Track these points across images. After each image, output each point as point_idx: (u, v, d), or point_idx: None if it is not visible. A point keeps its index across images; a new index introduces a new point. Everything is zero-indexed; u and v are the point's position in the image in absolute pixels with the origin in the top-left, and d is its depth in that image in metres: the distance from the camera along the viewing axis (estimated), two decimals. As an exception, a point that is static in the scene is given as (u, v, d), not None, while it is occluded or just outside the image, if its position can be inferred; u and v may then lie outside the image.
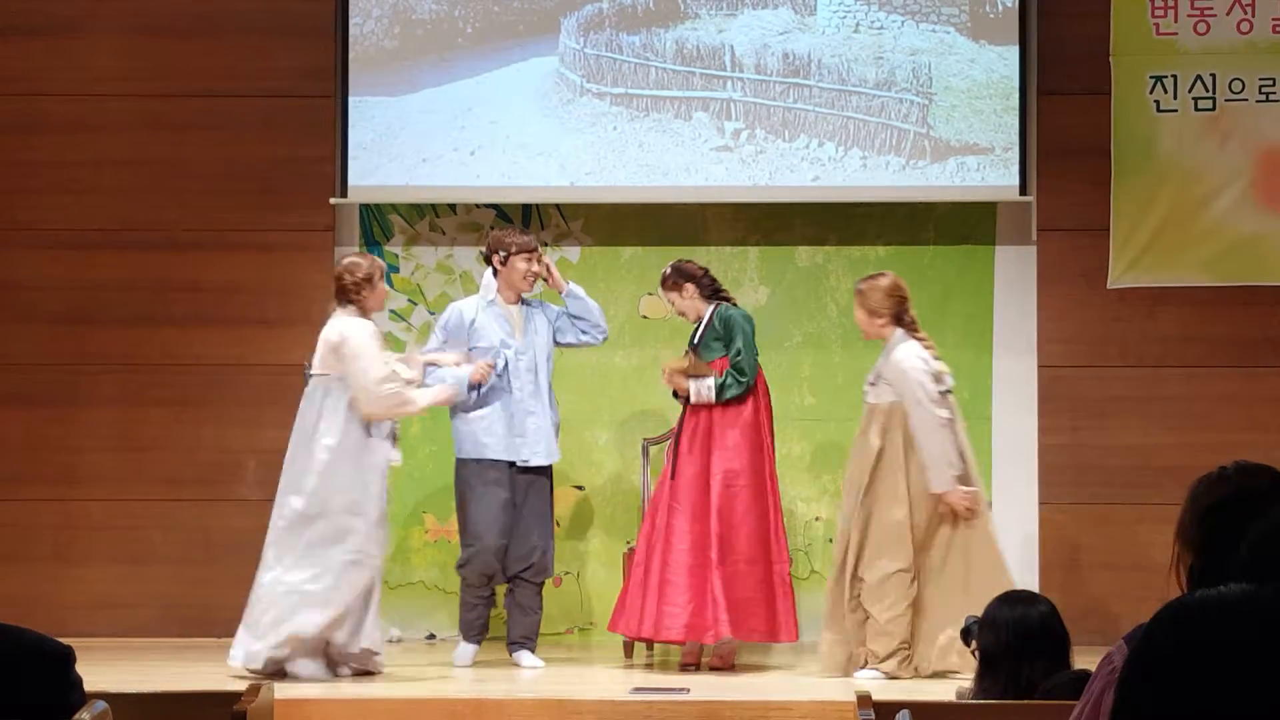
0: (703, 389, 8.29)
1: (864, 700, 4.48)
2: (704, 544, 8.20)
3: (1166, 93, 9.26)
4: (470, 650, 8.38)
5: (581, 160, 9.44)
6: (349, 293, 8.02)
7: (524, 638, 8.41)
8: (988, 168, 9.32)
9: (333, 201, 9.52)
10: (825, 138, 9.36)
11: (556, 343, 8.56)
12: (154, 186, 9.60)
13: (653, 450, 9.14)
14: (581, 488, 9.55)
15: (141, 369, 9.57)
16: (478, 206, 9.64)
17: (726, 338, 8.35)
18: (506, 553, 8.31)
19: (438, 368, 8.33)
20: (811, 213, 9.54)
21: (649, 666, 8.48)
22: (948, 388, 8.09)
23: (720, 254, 9.55)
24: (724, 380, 8.28)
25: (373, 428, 7.91)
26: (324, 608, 7.76)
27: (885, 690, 6.87)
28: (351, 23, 9.49)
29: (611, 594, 9.07)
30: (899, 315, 8.11)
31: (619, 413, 9.56)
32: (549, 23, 9.48)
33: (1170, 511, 3.21)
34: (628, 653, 8.62)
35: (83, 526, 9.53)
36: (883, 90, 9.34)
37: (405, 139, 9.49)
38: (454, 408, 8.37)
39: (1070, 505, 9.37)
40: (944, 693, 6.69)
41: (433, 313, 9.33)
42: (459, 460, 8.42)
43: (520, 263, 8.43)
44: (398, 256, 9.57)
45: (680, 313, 8.58)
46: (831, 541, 8.69)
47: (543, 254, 8.58)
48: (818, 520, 9.44)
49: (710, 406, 8.29)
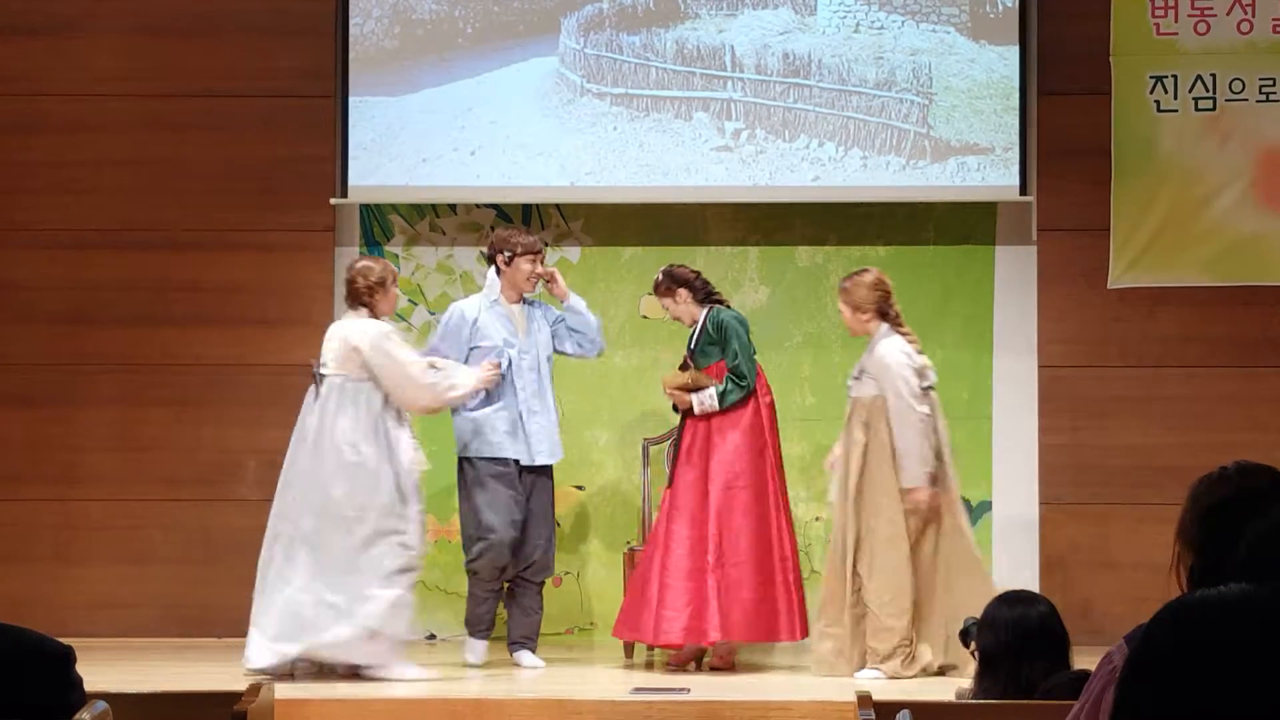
0: (705, 399, 8.28)
1: (864, 700, 4.48)
2: (702, 548, 8.19)
3: (1167, 93, 9.25)
4: (483, 645, 8.36)
5: (581, 160, 9.44)
6: (361, 295, 8.04)
7: (525, 637, 8.41)
8: (988, 168, 9.32)
9: (333, 201, 9.51)
10: (825, 138, 9.36)
11: (554, 349, 8.58)
12: (154, 186, 9.59)
13: (653, 450, 9.13)
14: (581, 488, 9.55)
15: (141, 369, 9.57)
16: (478, 206, 9.64)
17: (721, 342, 8.34)
18: (517, 548, 8.31)
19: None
20: (811, 213, 9.54)
21: (649, 666, 8.48)
22: (930, 384, 8.13)
23: (720, 254, 9.55)
24: (725, 387, 8.27)
25: (397, 427, 7.92)
26: (403, 608, 7.83)
27: (885, 690, 6.87)
28: (351, 23, 9.49)
29: (611, 594, 9.08)
30: (883, 310, 8.16)
31: (619, 413, 9.56)
32: (549, 23, 9.48)
33: (1170, 511, 3.20)
34: (628, 653, 8.61)
35: (83, 526, 9.53)
36: (883, 90, 9.34)
37: (405, 139, 9.49)
38: (455, 407, 8.38)
39: (1070, 505, 9.37)
40: (944, 693, 6.69)
41: (433, 313, 9.33)
42: (463, 459, 8.40)
43: (525, 264, 8.42)
44: (398, 256, 9.56)
45: (675, 318, 8.57)
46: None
47: (551, 265, 8.59)
48: (817, 520, 9.44)
49: (711, 414, 8.29)
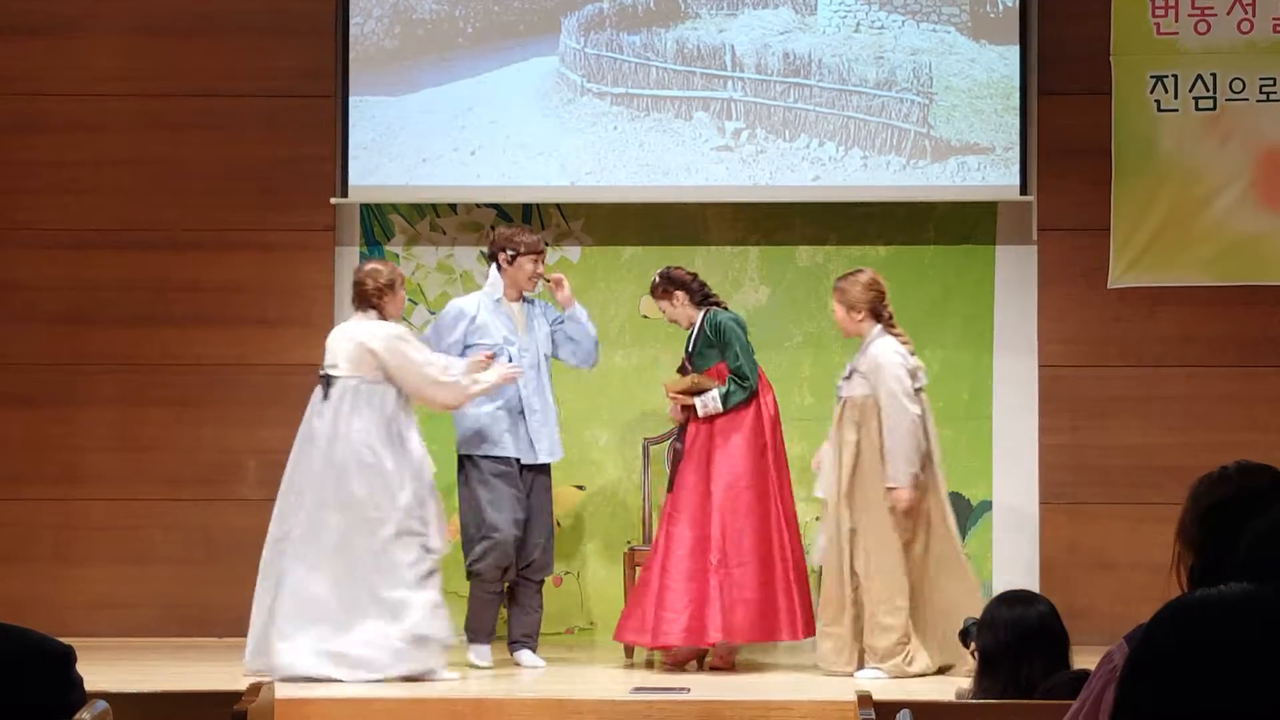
0: (709, 401, 8.29)
1: (864, 700, 4.48)
2: (702, 549, 8.19)
3: (1167, 92, 9.25)
4: (487, 649, 8.34)
5: (582, 160, 9.43)
6: (370, 297, 8.04)
7: (525, 636, 8.41)
8: (988, 167, 9.32)
9: (333, 201, 9.51)
10: (826, 137, 9.36)
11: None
12: (154, 186, 9.59)
13: (653, 450, 9.13)
14: (582, 487, 9.54)
15: (141, 369, 9.56)
16: (478, 206, 9.64)
17: (720, 344, 8.34)
18: (520, 546, 8.31)
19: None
20: (812, 212, 9.53)
21: (649, 666, 8.47)
22: (921, 385, 8.14)
23: (720, 254, 9.55)
24: (728, 388, 8.28)
25: (409, 428, 7.93)
26: (441, 611, 7.85)
27: (885, 690, 6.87)
28: (351, 22, 9.48)
29: (612, 594, 9.08)
30: (876, 311, 8.17)
31: (619, 413, 9.55)
32: (549, 22, 9.48)
33: (1171, 511, 3.21)
34: (628, 653, 8.61)
35: (83, 526, 9.53)
36: (883, 90, 9.34)
37: (405, 139, 9.49)
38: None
39: (1070, 505, 9.36)
40: (944, 693, 6.69)
41: (433, 312, 9.33)
42: (463, 457, 8.40)
43: (528, 264, 8.43)
44: (398, 256, 9.56)
45: (671, 320, 8.56)
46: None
47: (559, 273, 8.59)
48: (817, 520, 9.42)
49: (714, 416, 8.29)
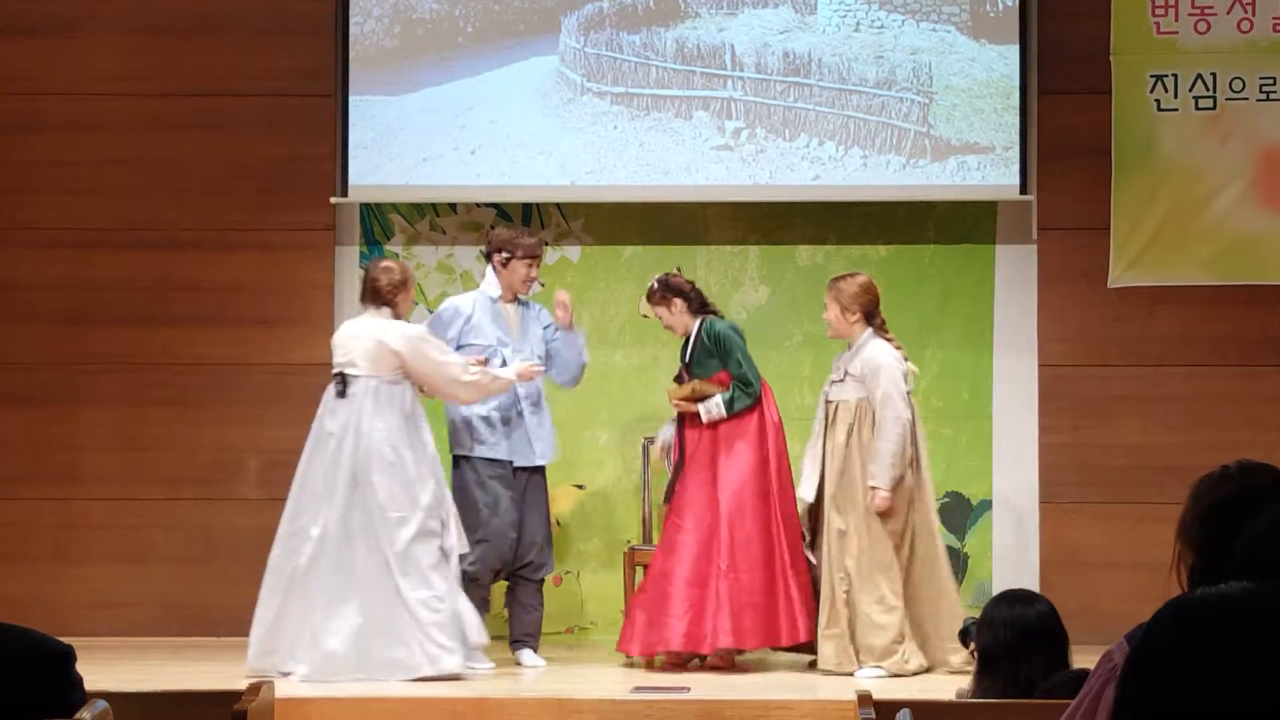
0: (713, 408, 8.28)
1: (864, 700, 4.48)
2: (708, 554, 8.18)
3: (1167, 92, 9.25)
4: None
5: (582, 159, 9.43)
6: (384, 294, 8.04)
7: (526, 635, 8.41)
8: (988, 167, 9.31)
9: (333, 201, 9.51)
10: (825, 137, 9.36)
11: None
12: (154, 186, 9.59)
13: (653, 450, 9.12)
14: (582, 487, 9.54)
15: (142, 369, 9.56)
16: (478, 206, 9.63)
17: (720, 353, 8.33)
18: (514, 547, 8.30)
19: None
20: (812, 212, 9.53)
21: (649, 666, 8.47)
22: (910, 388, 8.19)
23: (720, 253, 9.55)
24: (732, 394, 8.27)
25: (423, 428, 7.92)
26: (473, 610, 7.87)
27: (885, 689, 6.87)
28: (351, 22, 9.48)
29: (611, 594, 9.08)
30: (869, 314, 8.19)
31: (619, 412, 9.55)
32: (549, 22, 9.47)
33: (1171, 511, 3.20)
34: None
35: (83, 526, 9.53)
36: (883, 89, 9.34)
37: (405, 138, 9.49)
38: (451, 407, 8.38)
39: (1070, 505, 9.36)
40: (944, 692, 6.69)
41: (432, 311, 9.32)
42: (458, 457, 8.40)
43: (522, 267, 8.43)
44: (398, 256, 9.55)
45: (667, 327, 8.54)
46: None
47: (564, 292, 8.57)
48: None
49: (717, 422, 8.29)
